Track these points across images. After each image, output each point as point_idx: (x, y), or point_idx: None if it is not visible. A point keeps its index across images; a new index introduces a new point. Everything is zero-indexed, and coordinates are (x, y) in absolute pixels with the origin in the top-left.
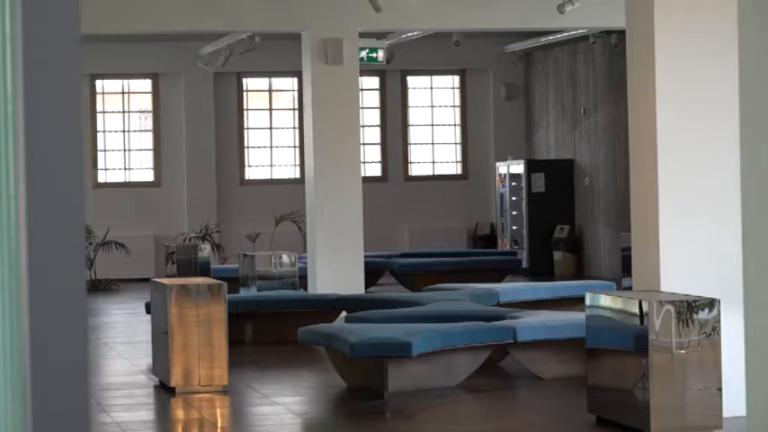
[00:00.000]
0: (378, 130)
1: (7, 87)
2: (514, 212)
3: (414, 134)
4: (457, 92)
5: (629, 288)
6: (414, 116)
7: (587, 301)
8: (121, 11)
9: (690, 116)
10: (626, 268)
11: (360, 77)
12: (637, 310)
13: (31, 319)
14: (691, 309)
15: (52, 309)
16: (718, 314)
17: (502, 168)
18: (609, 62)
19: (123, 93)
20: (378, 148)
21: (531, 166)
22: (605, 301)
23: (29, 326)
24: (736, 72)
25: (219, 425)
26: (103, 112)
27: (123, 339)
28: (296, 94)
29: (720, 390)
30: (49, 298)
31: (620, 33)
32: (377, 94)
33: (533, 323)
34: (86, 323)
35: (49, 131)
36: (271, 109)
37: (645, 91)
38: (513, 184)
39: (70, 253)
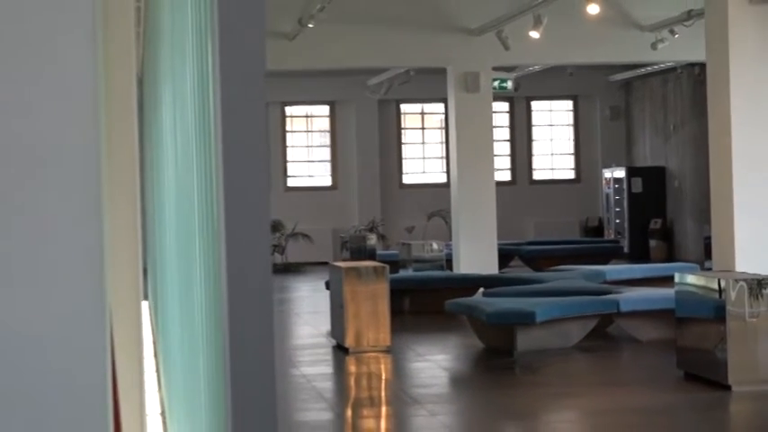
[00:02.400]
0: (508, 144)
1: (211, 113)
2: (617, 209)
3: (536, 147)
4: (571, 113)
5: (710, 269)
6: (536, 133)
7: (676, 280)
8: (306, 52)
9: (759, 132)
10: (707, 253)
11: (493, 102)
12: (716, 287)
13: (230, 294)
14: (760, 285)
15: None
16: None
17: (607, 174)
18: (693, 89)
19: (307, 116)
20: (508, 159)
21: (631, 171)
22: (691, 279)
23: (227, 299)
24: None
25: (384, 377)
26: (292, 132)
27: (308, 310)
28: (443, 116)
29: None
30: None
31: (702, 66)
32: (507, 115)
33: (633, 297)
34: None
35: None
36: (423, 128)
37: (722, 113)
38: (617, 186)
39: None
